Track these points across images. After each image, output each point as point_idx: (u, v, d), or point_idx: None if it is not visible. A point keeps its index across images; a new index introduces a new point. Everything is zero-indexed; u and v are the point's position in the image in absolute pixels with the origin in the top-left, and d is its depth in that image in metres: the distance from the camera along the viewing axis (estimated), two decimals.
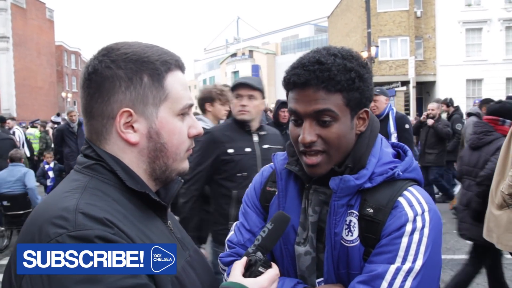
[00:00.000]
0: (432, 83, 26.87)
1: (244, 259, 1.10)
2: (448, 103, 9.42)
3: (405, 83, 24.87)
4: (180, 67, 1.08)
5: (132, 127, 1.00)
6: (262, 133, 3.11)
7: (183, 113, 1.06)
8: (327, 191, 1.29)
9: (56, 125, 12.73)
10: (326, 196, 1.30)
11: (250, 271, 1.07)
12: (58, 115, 13.54)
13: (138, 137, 1.00)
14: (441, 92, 25.89)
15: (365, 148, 1.28)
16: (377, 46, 20.57)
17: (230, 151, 2.97)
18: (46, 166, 9.70)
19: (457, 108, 9.42)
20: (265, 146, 3.06)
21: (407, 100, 25.67)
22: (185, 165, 1.10)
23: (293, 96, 1.25)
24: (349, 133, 1.26)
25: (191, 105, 1.08)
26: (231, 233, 1.49)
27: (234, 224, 1.51)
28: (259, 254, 1.11)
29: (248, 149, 3.01)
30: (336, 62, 1.20)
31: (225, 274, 1.40)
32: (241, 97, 2.98)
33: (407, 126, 5.49)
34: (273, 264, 1.12)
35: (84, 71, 1.02)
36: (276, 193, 1.40)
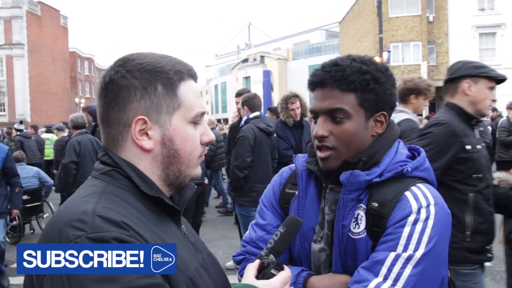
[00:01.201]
0: None
1: (257, 262, 1.13)
2: None
3: None
4: (193, 76, 1.11)
5: (147, 134, 1.03)
6: (481, 128, 2.78)
7: (195, 121, 1.09)
8: None
9: (18, 132, 12.04)
10: None
11: (263, 273, 1.10)
12: (21, 122, 13.12)
13: (152, 144, 1.04)
14: None
15: (381, 146, 1.33)
16: (389, 51, 20.48)
17: (468, 147, 2.56)
18: None
19: None
20: (483, 144, 2.70)
21: None
22: (198, 171, 1.13)
23: (313, 96, 1.36)
24: (362, 133, 1.31)
25: (203, 113, 1.11)
26: (246, 232, 1.53)
27: (251, 223, 1.54)
28: (271, 257, 1.14)
29: (478, 146, 2.62)
30: (352, 65, 1.29)
31: (237, 273, 1.45)
32: (493, 89, 2.71)
33: None
34: (285, 267, 1.15)
35: (101, 81, 1.06)
36: (296, 193, 1.44)
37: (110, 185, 1.00)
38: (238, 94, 5.96)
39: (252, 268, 1.11)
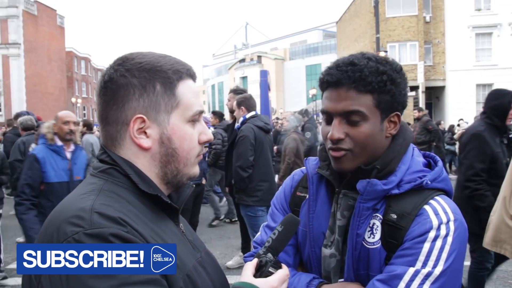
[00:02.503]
0: (442, 88, 26.72)
1: (255, 260, 1.13)
2: (303, 114, 9.71)
3: (414, 88, 24.75)
4: (192, 76, 1.12)
5: (145, 132, 1.04)
6: None
7: (193, 120, 1.09)
8: (356, 196, 1.30)
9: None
10: (355, 201, 1.31)
11: (261, 271, 1.11)
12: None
13: (150, 143, 1.04)
14: (450, 97, 25.73)
15: (396, 154, 1.30)
16: (386, 51, 20.50)
17: None
18: None
19: (310, 118, 9.72)
20: None
21: (416, 105, 25.52)
22: (196, 170, 1.13)
23: (326, 95, 1.30)
24: (378, 135, 1.28)
25: (201, 112, 1.12)
26: (258, 234, 1.53)
27: (262, 225, 1.54)
28: (269, 255, 1.14)
29: None
30: (369, 65, 1.24)
31: None
32: None
33: None
34: (283, 265, 1.15)
35: (100, 79, 1.07)
36: (307, 197, 1.43)
37: (108, 183, 1.00)
38: (233, 91, 5.95)
39: (250, 266, 1.11)
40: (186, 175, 1.11)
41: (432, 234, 1.17)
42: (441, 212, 1.20)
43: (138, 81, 1.03)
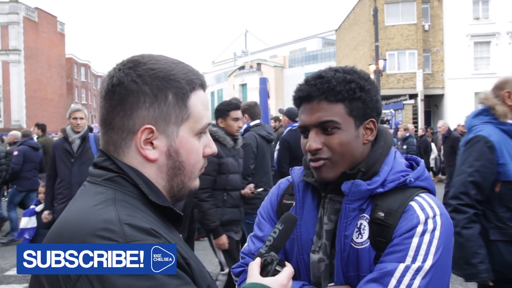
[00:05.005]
0: (440, 96, 26.80)
1: (258, 260, 1.13)
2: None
3: (413, 96, 24.82)
4: (203, 86, 1.08)
5: (152, 143, 0.99)
6: None
7: (201, 132, 1.06)
8: (342, 199, 1.32)
9: None
10: (341, 205, 1.32)
11: (267, 270, 1.11)
12: None
13: (157, 154, 1.00)
14: (449, 105, 25.79)
15: (378, 156, 1.34)
16: (384, 59, 20.61)
17: None
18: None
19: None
20: None
21: (415, 113, 25.60)
22: (197, 183, 1.10)
23: (301, 111, 1.36)
24: (354, 142, 1.31)
25: (209, 124, 1.09)
26: (245, 244, 1.52)
27: (249, 235, 1.53)
28: (273, 253, 1.14)
29: None
30: (336, 75, 1.30)
31: (237, 285, 1.44)
32: None
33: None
34: (287, 263, 1.16)
35: (108, 81, 1.00)
36: (294, 204, 1.44)
37: (118, 192, 0.95)
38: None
39: (255, 266, 1.11)
40: (189, 189, 1.08)
41: (419, 229, 1.20)
42: (427, 207, 1.24)
43: (149, 89, 0.97)
